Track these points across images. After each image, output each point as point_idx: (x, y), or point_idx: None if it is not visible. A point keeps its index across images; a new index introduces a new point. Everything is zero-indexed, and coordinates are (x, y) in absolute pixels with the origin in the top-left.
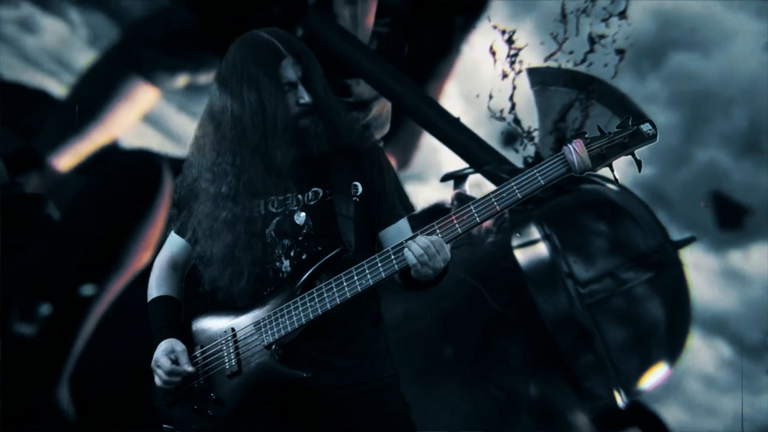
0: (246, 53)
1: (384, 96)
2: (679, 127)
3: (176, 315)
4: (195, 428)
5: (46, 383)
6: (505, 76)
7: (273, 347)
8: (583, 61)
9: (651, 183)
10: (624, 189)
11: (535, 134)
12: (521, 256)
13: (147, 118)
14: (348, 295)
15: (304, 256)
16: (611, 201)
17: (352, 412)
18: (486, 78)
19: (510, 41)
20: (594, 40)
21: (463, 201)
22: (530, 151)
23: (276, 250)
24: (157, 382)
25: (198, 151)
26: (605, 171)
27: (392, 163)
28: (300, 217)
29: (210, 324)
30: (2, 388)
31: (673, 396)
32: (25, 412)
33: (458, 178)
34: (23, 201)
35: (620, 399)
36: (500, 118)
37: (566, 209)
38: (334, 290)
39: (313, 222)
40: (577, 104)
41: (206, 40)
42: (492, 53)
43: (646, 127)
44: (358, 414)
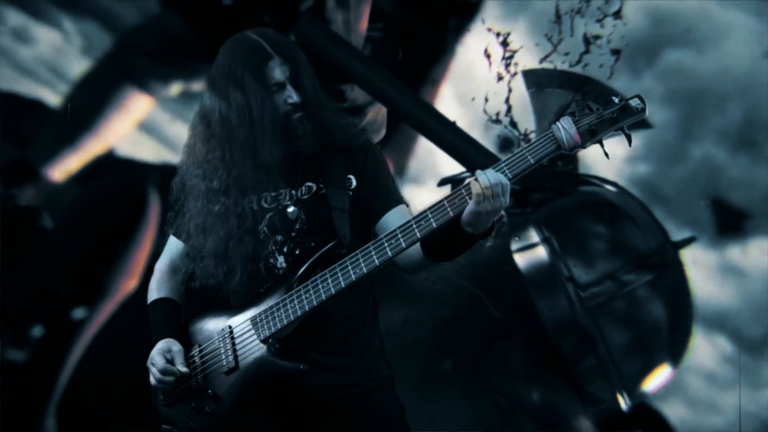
0: (233, 55)
1: (378, 101)
2: (675, 124)
3: (175, 317)
4: (193, 426)
5: (33, 413)
6: (501, 79)
7: (270, 341)
8: (579, 62)
9: (647, 180)
10: (623, 190)
11: (532, 137)
12: (521, 260)
13: (143, 126)
14: (342, 285)
15: (298, 252)
16: (610, 202)
17: (348, 413)
18: (481, 80)
19: (505, 43)
20: (589, 41)
21: None
22: None
23: (269, 246)
24: (151, 381)
25: (190, 150)
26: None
27: (389, 167)
28: (293, 212)
29: (207, 324)
30: None
31: (675, 393)
32: None
33: (455, 183)
34: (18, 213)
35: (623, 402)
36: (496, 121)
37: (565, 212)
38: (329, 281)
39: (306, 216)
40: (574, 105)
41: (199, 48)
42: (487, 56)
43: (635, 102)
44: (354, 414)
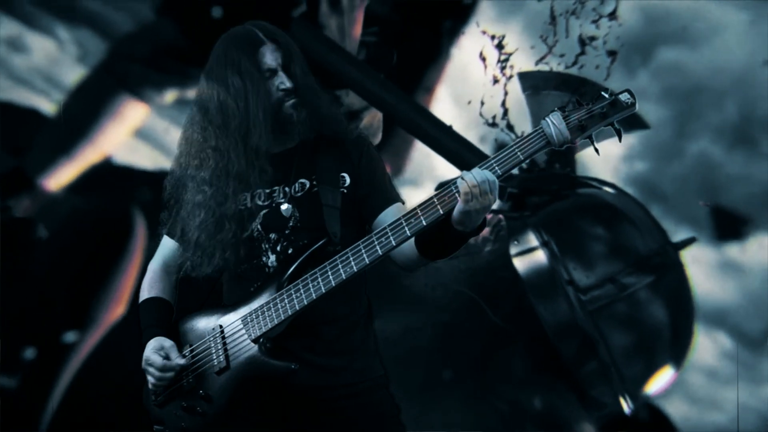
0: (228, 42)
1: (374, 106)
2: (671, 122)
3: (166, 316)
4: (185, 426)
5: None
6: (497, 82)
7: (261, 340)
8: (575, 64)
9: (644, 178)
10: (621, 191)
11: None
12: (520, 264)
13: (138, 134)
14: (333, 283)
15: (291, 250)
16: (609, 204)
17: (343, 413)
18: (477, 83)
19: (500, 46)
20: (585, 42)
21: None
22: None
23: (263, 245)
24: (150, 381)
25: (185, 142)
26: (601, 171)
27: (384, 164)
28: (286, 210)
29: (198, 323)
30: None
31: (676, 390)
32: None
33: None
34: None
35: (626, 405)
36: (493, 124)
37: (563, 215)
38: (319, 279)
39: (300, 214)
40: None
41: (192, 56)
42: (482, 59)
43: (625, 97)
44: (349, 414)
